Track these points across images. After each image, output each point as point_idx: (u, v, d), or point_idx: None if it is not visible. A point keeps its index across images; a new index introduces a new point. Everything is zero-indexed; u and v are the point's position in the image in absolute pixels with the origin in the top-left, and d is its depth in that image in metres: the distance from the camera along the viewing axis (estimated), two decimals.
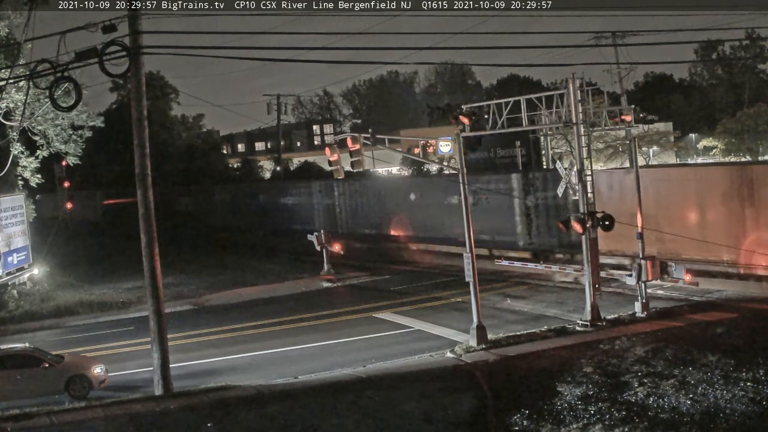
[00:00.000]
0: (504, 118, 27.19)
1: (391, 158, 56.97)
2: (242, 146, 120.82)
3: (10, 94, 32.74)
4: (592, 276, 25.30)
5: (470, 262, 24.51)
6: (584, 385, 19.40)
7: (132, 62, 20.41)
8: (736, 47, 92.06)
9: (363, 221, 47.54)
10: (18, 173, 36.64)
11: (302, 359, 24.61)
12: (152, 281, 21.50)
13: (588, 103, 27.00)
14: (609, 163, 54.36)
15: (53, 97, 20.86)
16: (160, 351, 21.36)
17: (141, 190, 21.46)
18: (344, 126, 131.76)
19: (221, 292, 37.89)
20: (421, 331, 27.21)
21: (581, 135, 25.76)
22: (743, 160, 59.56)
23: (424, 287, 35.12)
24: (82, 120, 35.95)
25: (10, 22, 33.13)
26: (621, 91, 57.71)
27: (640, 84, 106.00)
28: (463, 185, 24.96)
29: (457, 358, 23.01)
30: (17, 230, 36.94)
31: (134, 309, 34.03)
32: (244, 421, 18.88)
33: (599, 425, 17.08)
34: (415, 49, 46.29)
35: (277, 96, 67.15)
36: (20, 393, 21.43)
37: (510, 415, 18.24)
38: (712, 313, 25.42)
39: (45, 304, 35.18)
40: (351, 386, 20.79)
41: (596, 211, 25.27)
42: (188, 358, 24.88)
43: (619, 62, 54.58)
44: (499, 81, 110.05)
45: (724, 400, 17.65)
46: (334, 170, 26.48)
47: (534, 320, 27.31)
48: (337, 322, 29.65)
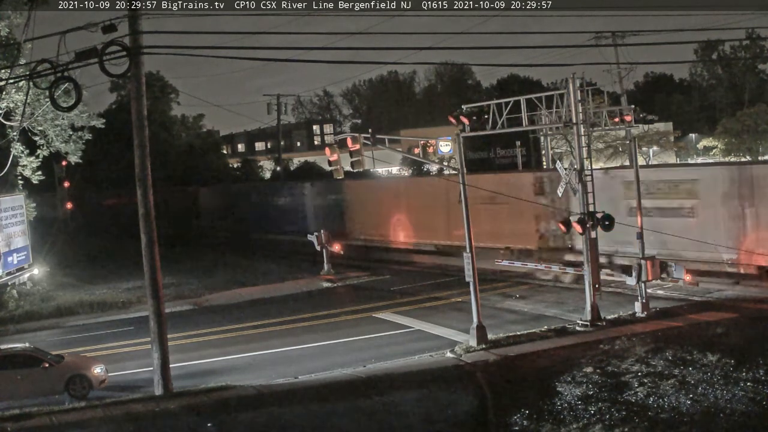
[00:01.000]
0: (504, 118, 27.20)
1: (391, 158, 57.04)
2: (242, 146, 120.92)
3: (10, 94, 32.75)
4: (592, 276, 25.32)
5: (470, 262, 24.51)
6: (584, 385, 19.39)
7: (132, 62, 20.40)
8: (736, 47, 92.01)
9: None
10: (18, 173, 36.64)
11: (302, 359, 24.62)
12: (152, 281, 21.49)
13: (588, 103, 27.02)
14: (609, 163, 54.35)
15: (53, 97, 20.85)
16: (160, 351, 21.36)
17: (141, 190, 21.45)
18: (344, 126, 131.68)
19: (221, 292, 37.91)
20: (421, 331, 27.22)
21: (581, 135, 25.76)
22: (741, 160, 59.51)
23: (424, 287, 35.13)
24: (83, 120, 35.94)
25: (10, 22, 33.11)
26: (621, 91, 57.75)
27: (640, 84, 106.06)
28: (463, 185, 24.95)
29: (457, 358, 23.01)
30: (17, 230, 36.94)
31: (134, 309, 34.04)
32: (244, 421, 18.87)
33: (599, 425, 17.07)
34: (415, 49, 46.17)
35: (277, 96, 67.15)
36: (20, 393, 21.43)
37: (510, 415, 18.23)
38: (712, 313, 25.44)
39: (45, 304, 35.20)
40: (351, 386, 20.79)
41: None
42: (188, 358, 24.88)
43: (619, 62, 54.65)
44: (499, 81, 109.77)
45: (724, 400, 17.64)
46: (334, 170, 26.48)
47: (534, 320, 27.32)
48: (337, 322, 29.66)
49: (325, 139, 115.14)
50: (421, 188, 43.60)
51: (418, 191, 43.21)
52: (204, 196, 65.84)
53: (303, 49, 24.53)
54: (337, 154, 26.00)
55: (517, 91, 40.35)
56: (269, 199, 57.65)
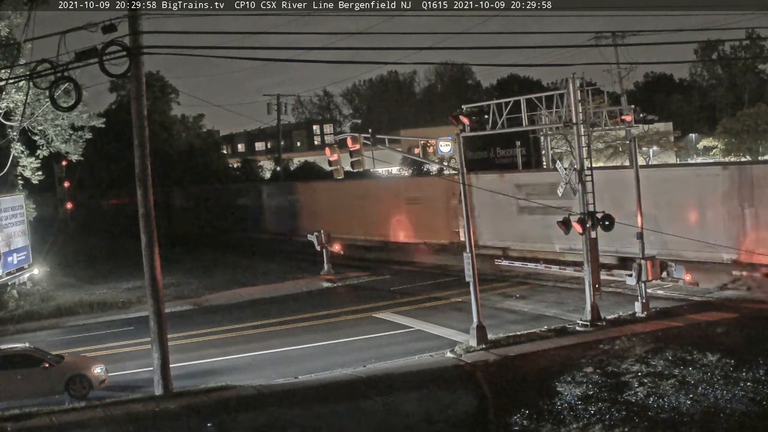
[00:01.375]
0: (504, 118, 27.19)
1: (391, 158, 57.07)
2: (242, 146, 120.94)
3: (10, 94, 32.74)
4: (592, 276, 25.31)
5: (470, 262, 24.51)
6: (584, 385, 19.40)
7: (132, 62, 20.40)
8: (736, 47, 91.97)
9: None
10: (18, 173, 36.64)
11: (302, 359, 24.61)
12: (152, 281, 21.50)
13: (588, 103, 27.00)
14: (609, 163, 54.35)
15: (53, 97, 20.85)
16: (160, 351, 21.36)
17: (141, 190, 21.44)
18: (344, 126, 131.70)
19: (221, 292, 37.91)
20: (421, 331, 27.22)
21: (581, 135, 25.76)
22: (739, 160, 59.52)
23: (424, 287, 35.12)
24: (82, 120, 35.95)
25: (10, 22, 33.11)
26: (621, 91, 57.76)
27: (640, 84, 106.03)
28: (463, 185, 24.95)
29: (457, 358, 23.01)
30: (17, 230, 36.94)
31: (134, 309, 34.04)
32: (244, 421, 18.88)
33: (599, 425, 17.07)
34: (415, 49, 46.17)
35: (277, 96, 67.20)
36: (20, 393, 21.42)
37: (510, 415, 18.23)
38: (712, 313, 25.43)
39: (45, 304, 35.18)
40: (351, 386, 20.79)
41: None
42: (188, 358, 24.88)
43: (619, 62, 54.65)
44: (499, 81, 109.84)
45: (724, 400, 17.64)
46: (334, 170, 26.48)
47: (534, 320, 27.32)
48: (337, 322, 29.66)
49: (325, 139, 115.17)
50: (348, 190, 47.83)
51: (348, 192, 47.78)
52: (176, 197, 69.00)
53: (303, 49, 24.54)
54: (337, 154, 26.00)
55: (517, 91, 40.44)
56: (234, 199, 63.04)
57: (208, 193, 66.33)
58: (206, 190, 66.85)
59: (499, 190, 34.67)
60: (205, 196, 66.15)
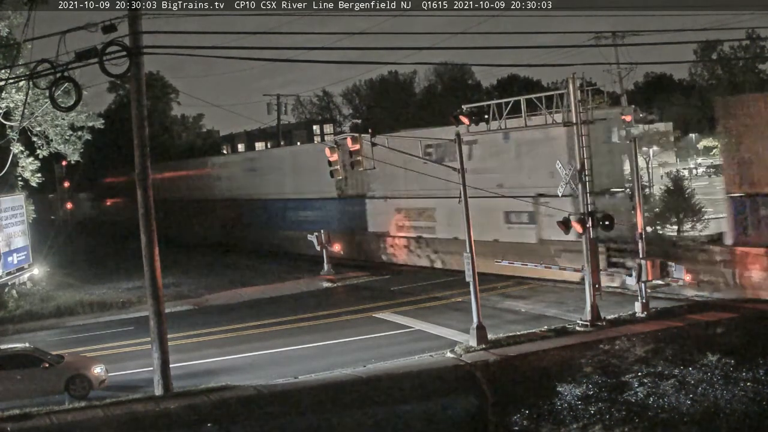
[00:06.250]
0: (504, 118, 27.17)
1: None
2: (242, 146, 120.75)
3: (10, 94, 32.73)
4: (592, 276, 25.31)
5: (470, 262, 24.50)
6: (584, 385, 19.40)
7: (132, 62, 20.39)
8: (736, 47, 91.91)
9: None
10: (18, 173, 36.64)
11: (302, 359, 24.60)
12: (152, 281, 21.48)
13: (588, 103, 26.99)
14: None
15: (53, 97, 20.83)
16: (160, 351, 21.35)
17: (141, 190, 21.43)
18: (344, 126, 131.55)
19: (221, 292, 37.91)
20: (421, 331, 27.21)
21: (581, 135, 25.76)
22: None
23: (424, 287, 35.11)
24: (82, 120, 35.94)
25: (10, 22, 33.11)
26: (621, 91, 57.68)
27: (640, 84, 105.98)
28: (463, 185, 24.93)
29: (457, 358, 23.00)
30: (17, 230, 36.95)
31: (134, 309, 34.03)
32: (244, 421, 18.88)
33: (599, 425, 17.10)
34: (415, 49, 46.15)
35: (277, 96, 67.22)
36: (20, 393, 21.40)
37: (510, 415, 18.25)
38: (712, 313, 25.42)
39: (45, 304, 35.17)
40: (351, 386, 20.79)
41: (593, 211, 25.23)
42: (188, 358, 24.86)
43: (619, 62, 54.57)
44: (499, 81, 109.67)
45: (724, 400, 17.65)
46: (334, 170, 26.46)
47: (534, 320, 27.30)
48: (337, 322, 29.65)
49: (325, 139, 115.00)
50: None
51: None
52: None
53: (303, 50, 24.55)
54: (337, 154, 25.98)
55: (518, 91, 40.43)
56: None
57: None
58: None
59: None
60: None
